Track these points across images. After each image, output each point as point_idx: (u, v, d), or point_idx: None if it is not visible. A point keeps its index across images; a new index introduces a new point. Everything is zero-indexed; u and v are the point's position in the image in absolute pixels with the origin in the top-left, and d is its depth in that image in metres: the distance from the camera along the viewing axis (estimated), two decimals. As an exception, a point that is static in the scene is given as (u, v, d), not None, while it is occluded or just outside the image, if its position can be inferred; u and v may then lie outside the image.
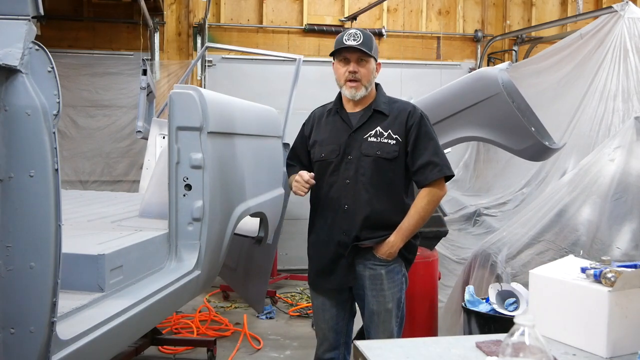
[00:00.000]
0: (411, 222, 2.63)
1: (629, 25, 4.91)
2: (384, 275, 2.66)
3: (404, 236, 2.63)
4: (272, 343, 4.69)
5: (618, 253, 3.36)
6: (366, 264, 2.67)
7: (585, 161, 3.84)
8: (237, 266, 4.08)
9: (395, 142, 2.63)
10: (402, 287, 2.72)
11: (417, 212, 2.63)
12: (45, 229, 1.56)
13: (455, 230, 5.68)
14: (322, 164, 2.72)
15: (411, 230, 2.64)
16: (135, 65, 6.54)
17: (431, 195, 2.63)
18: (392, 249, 2.62)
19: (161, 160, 3.07)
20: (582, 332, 1.78)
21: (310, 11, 7.28)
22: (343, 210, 2.65)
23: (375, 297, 2.67)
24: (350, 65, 2.65)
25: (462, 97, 3.77)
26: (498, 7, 7.93)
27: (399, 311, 2.72)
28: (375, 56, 2.69)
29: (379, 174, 2.63)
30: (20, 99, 1.52)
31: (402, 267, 2.72)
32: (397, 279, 2.69)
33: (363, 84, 2.65)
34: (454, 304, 4.07)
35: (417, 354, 1.72)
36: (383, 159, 2.62)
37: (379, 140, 2.64)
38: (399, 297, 2.70)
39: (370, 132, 2.66)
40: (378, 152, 2.62)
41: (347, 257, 2.65)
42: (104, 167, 6.76)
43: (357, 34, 2.65)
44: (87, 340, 1.80)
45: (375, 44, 2.70)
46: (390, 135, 2.63)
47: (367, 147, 2.64)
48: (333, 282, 2.72)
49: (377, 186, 2.63)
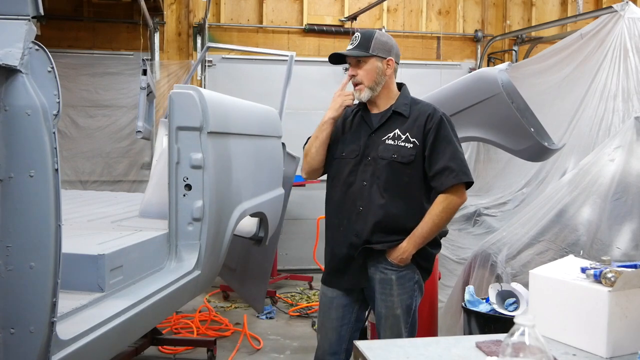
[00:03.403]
0: (424, 228, 2.55)
1: (629, 25, 4.90)
2: (394, 281, 2.60)
3: (416, 243, 2.56)
4: (272, 343, 4.69)
5: (618, 253, 3.36)
6: (378, 267, 2.62)
7: (585, 161, 3.84)
8: (237, 266, 4.07)
9: (412, 146, 2.56)
10: (413, 295, 2.64)
11: (431, 219, 2.55)
12: (45, 229, 1.56)
13: (455, 230, 5.67)
14: (341, 162, 2.68)
15: (424, 237, 2.56)
16: (135, 65, 6.54)
17: (447, 202, 2.55)
18: (403, 254, 2.56)
19: (161, 160, 3.07)
20: (582, 332, 1.78)
21: (310, 11, 7.28)
22: (357, 212, 2.61)
23: (384, 301, 2.62)
24: (350, 69, 2.66)
25: (461, 98, 3.76)
26: (498, 7, 7.93)
27: (409, 318, 2.64)
28: (379, 53, 2.62)
29: (395, 177, 2.57)
30: (20, 99, 1.52)
31: (416, 274, 2.64)
32: (408, 286, 2.62)
33: (366, 85, 2.61)
34: (454, 304, 4.07)
35: (417, 354, 1.72)
36: (398, 162, 2.56)
37: (396, 143, 2.58)
38: (408, 304, 2.63)
39: (389, 135, 2.60)
40: (394, 155, 2.56)
41: (358, 258, 2.61)
42: (104, 167, 6.75)
43: (356, 36, 2.63)
44: (87, 340, 1.80)
45: (379, 41, 2.62)
46: (408, 138, 2.57)
47: (384, 149, 2.58)
48: (345, 282, 2.68)
49: (392, 190, 2.56)
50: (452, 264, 5.29)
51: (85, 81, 6.64)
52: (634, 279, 1.74)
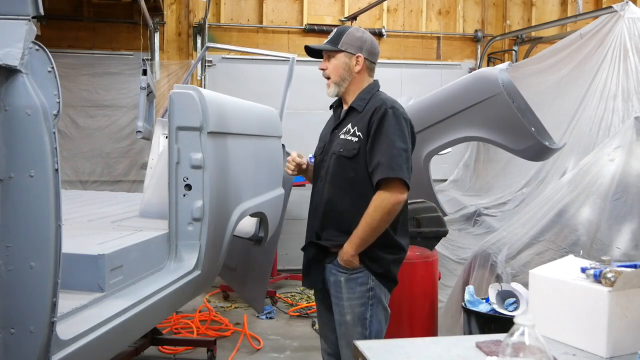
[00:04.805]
0: (358, 229, 2.40)
1: (629, 25, 4.91)
2: (343, 283, 2.48)
3: (354, 244, 2.41)
4: (272, 343, 4.69)
5: (618, 253, 3.36)
6: (331, 268, 2.53)
7: (585, 161, 3.84)
8: (237, 266, 4.07)
9: (357, 140, 2.47)
10: (366, 302, 2.46)
11: (364, 219, 2.40)
12: (45, 229, 1.56)
13: (455, 230, 5.67)
14: (315, 161, 2.69)
15: (360, 238, 2.40)
16: (135, 65, 6.54)
17: (379, 200, 2.38)
18: (344, 255, 2.44)
19: (161, 160, 3.07)
20: (582, 332, 1.78)
21: (310, 11, 7.28)
22: (314, 209, 2.60)
23: (336, 304, 2.52)
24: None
25: (462, 98, 3.77)
26: (498, 7, 7.93)
27: (364, 329, 2.46)
28: (348, 49, 2.55)
29: (341, 172, 2.49)
30: (20, 99, 1.52)
31: (370, 280, 2.47)
32: (359, 291, 2.46)
33: (332, 80, 2.58)
34: (454, 304, 4.07)
35: (417, 354, 1.72)
36: (343, 157, 2.48)
37: (345, 137, 2.51)
38: (360, 312, 2.46)
39: (344, 130, 2.54)
40: (341, 149, 2.50)
41: (312, 256, 2.57)
42: (104, 167, 6.76)
43: (333, 31, 2.63)
44: (87, 340, 1.80)
45: (351, 37, 2.56)
46: (355, 132, 2.49)
47: (337, 144, 2.53)
48: (306, 282, 2.66)
49: (338, 186, 2.50)
50: (452, 264, 5.29)
51: (85, 81, 6.65)
52: (634, 279, 1.74)
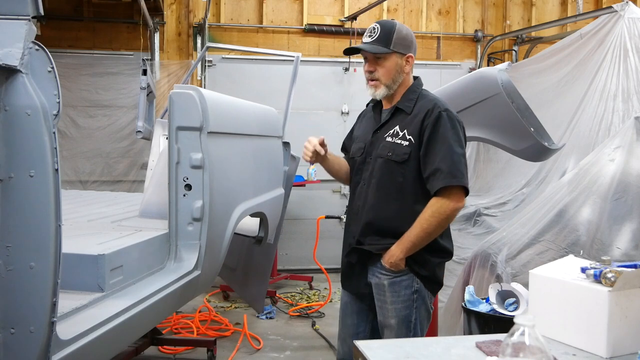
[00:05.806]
0: (412, 233, 2.39)
1: (629, 25, 4.90)
2: (387, 287, 2.46)
3: (405, 247, 2.40)
4: (272, 343, 4.69)
5: (618, 253, 3.36)
6: (374, 271, 2.50)
7: (585, 161, 3.84)
8: (237, 266, 4.07)
9: (408, 144, 2.41)
10: (411, 305, 2.45)
11: (420, 224, 2.38)
12: (45, 229, 1.55)
13: (455, 230, 5.66)
14: (352, 162, 2.63)
15: (412, 242, 2.39)
16: (135, 65, 6.55)
17: (437, 206, 2.36)
18: (392, 258, 2.42)
19: (161, 160, 3.07)
20: (582, 332, 1.78)
21: (310, 11, 7.28)
22: (356, 213, 2.54)
23: (380, 308, 2.50)
24: (367, 64, 2.50)
25: (461, 97, 3.76)
26: (498, 7, 7.93)
27: (409, 332, 2.44)
28: (400, 50, 2.45)
29: (389, 177, 2.44)
30: (20, 99, 1.52)
31: (415, 282, 2.46)
32: (404, 294, 2.45)
33: (383, 82, 2.46)
34: (454, 304, 4.07)
35: (417, 354, 1.72)
36: (393, 161, 2.42)
37: (394, 140, 2.44)
38: (405, 315, 2.44)
39: (390, 132, 2.47)
40: (389, 153, 2.43)
41: (353, 261, 2.55)
42: (104, 167, 6.76)
43: (375, 28, 2.45)
44: (87, 340, 1.80)
45: (400, 36, 2.44)
46: (405, 135, 2.42)
47: (383, 147, 2.46)
48: (348, 286, 2.63)
49: (385, 191, 2.44)
50: (452, 264, 5.28)
51: (85, 81, 6.65)
52: (634, 279, 1.73)
